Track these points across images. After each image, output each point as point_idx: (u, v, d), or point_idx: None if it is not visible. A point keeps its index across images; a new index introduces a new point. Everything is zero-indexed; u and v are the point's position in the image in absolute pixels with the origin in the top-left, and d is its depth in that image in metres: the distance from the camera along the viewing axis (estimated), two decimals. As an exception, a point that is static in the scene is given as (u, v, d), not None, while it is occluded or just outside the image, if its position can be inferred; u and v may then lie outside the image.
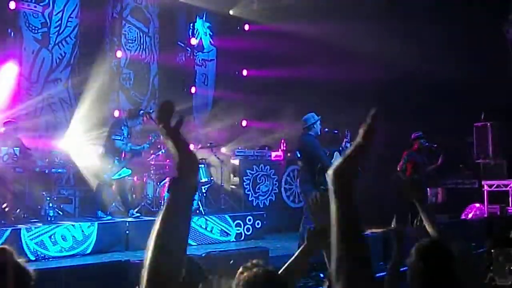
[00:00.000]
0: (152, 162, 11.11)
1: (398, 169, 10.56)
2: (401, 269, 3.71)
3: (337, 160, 1.65)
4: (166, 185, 10.55)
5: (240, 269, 2.35)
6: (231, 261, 5.16)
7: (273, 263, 3.01)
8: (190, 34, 14.64)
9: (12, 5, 11.05)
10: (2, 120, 9.94)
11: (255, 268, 2.31)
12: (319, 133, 8.91)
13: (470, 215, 12.12)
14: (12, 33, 11.23)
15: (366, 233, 1.66)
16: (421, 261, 3.05)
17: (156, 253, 1.57)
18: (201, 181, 11.12)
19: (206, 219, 10.21)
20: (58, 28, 11.91)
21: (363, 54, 13.22)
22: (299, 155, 8.80)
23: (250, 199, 12.20)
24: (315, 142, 8.82)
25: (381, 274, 5.00)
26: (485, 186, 12.49)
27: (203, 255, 5.65)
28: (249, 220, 10.66)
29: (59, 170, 10.01)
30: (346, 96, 13.38)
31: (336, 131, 9.34)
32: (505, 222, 10.39)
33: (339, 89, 13.00)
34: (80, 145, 10.97)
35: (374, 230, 10.26)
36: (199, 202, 10.48)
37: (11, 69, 10.94)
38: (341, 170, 1.63)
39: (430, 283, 3.02)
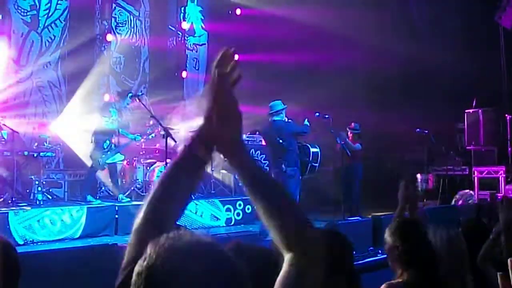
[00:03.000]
0: (142, 147, 11.06)
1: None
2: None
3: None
4: (156, 169, 10.52)
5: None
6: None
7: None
8: (181, 18, 14.51)
9: (0, -13, 10.91)
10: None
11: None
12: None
13: (460, 202, 12.15)
14: (1, 16, 11.06)
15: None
16: (398, 239, 3.18)
17: (157, 196, 1.51)
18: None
19: (196, 204, 10.16)
20: (48, 11, 11.75)
21: (356, 40, 13.20)
22: (281, 141, 8.63)
23: (240, 184, 12.13)
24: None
25: (372, 259, 4.99)
26: (475, 172, 12.52)
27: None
28: (239, 205, 10.63)
29: (48, 154, 9.93)
30: (338, 82, 13.37)
31: (327, 116, 9.36)
32: (494, 208, 10.41)
33: (331, 75, 12.97)
34: (70, 129, 10.89)
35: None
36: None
37: (0, 52, 10.80)
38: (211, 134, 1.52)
39: (408, 259, 3.12)
